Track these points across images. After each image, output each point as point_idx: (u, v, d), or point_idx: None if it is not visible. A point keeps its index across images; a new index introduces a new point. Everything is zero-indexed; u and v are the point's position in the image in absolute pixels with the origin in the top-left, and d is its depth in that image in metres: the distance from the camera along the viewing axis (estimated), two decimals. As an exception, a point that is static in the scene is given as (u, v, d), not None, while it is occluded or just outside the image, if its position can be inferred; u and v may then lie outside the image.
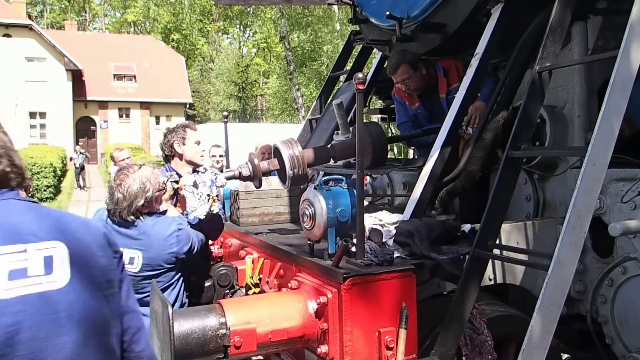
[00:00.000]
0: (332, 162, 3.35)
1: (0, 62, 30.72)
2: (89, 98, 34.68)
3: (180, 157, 3.70)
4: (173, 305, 2.94)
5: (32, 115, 32.05)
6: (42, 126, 32.26)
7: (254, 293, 2.98)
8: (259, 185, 3.59)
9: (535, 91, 2.59)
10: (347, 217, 2.41)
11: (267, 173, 3.14)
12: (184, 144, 3.69)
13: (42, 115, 32.25)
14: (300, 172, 2.89)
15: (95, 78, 34.58)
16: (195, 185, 3.07)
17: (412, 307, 2.28)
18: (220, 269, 3.20)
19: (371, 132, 3.17)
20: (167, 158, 3.75)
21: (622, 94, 2.25)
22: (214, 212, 3.20)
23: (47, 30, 36.83)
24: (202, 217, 3.10)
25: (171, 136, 3.70)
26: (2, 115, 30.47)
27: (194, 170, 3.72)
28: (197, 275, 3.31)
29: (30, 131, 31.62)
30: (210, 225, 3.30)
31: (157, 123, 35.78)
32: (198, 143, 3.75)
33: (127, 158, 6.60)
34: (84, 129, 34.18)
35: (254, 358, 2.86)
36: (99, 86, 34.91)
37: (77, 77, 33.51)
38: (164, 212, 3.07)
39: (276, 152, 3.02)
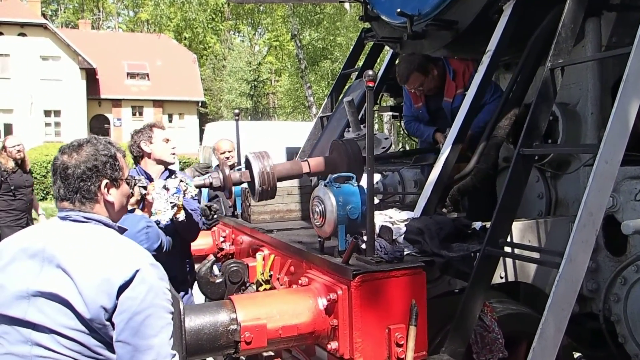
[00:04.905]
0: (305, 177, 3.31)
1: (15, 60, 31.14)
2: (102, 96, 34.97)
3: (149, 156, 3.69)
4: None
5: (47, 113, 32.39)
6: (57, 124, 32.59)
7: (265, 290, 3.00)
8: (229, 196, 3.63)
9: (548, 88, 2.57)
10: (357, 214, 2.41)
11: (238, 183, 3.14)
12: (151, 143, 3.68)
13: (57, 113, 32.58)
14: (268, 188, 2.90)
15: (108, 76, 34.86)
16: (165, 188, 3.05)
17: (422, 304, 2.28)
18: (232, 265, 3.21)
19: (348, 152, 3.11)
20: (136, 159, 3.75)
21: (635, 91, 2.22)
22: (180, 219, 3.17)
23: (61, 29, 37.20)
24: (164, 222, 3.09)
25: (137, 137, 3.70)
26: (18, 113, 30.97)
27: (166, 169, 3.72)
28: (176, 272, 3.38)
29: (45, 129, 31.99)
30: (185, 227, 3.36)
31: (170, 121, 35.98)
32: (167, 141, 3.74)
33: (229, 151, 5.44)
34: (98, 127, 34.43)
35: (264, 354, 2.89)
36: (112, 84, 35.20)
37: (91, 76, 33.81)
38: (132, 211, 3.05)
39: (248, 164, 3.01)
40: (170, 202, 3.07)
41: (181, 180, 3.14)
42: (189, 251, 3.77)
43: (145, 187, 3.05)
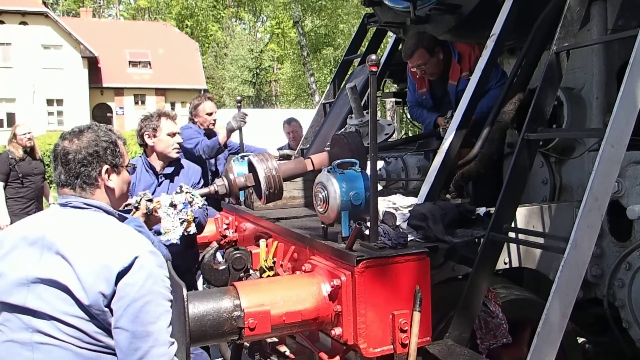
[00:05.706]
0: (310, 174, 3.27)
1: (17, 49, 31.07)
2: (104, 85, 34.91)
3: (152, 149, 3.49)
4: None
5: (50, 102, 32.39)
6: (60, 113, 32.57)
7: (268, 276, 3.00)
8: (235, 202, 3.58)
9: (553, 72, 2.54)
10: (360, 200, 2.40)
11: (244, 188, 3.09)
12: (154, 136, 3.45)
13: (60, 102, 32.57)
14: (275, 191, 2.87)
15: (110, 65, 34.77)
16: (172, 205, 2.97)
17: (426, 290, 2.27)
18: (235, 252, 3.22)
19: (350, 145, 3.05)
20: (143, 147, 3.58)
21: (642, 74, 2.19)
22: (191, 232, 3.09)
23: (62, 18, 37.06)
24: (176, 241, 3.00)
25: (144, 124, 3.47)
26: (20, 102, 30.95)
27: (169, 165, 3.59)
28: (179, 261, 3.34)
29: (48, 118, 31.99)
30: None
31: (173, 109, 35.91)
32: (172, 135, 3.49)
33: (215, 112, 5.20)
34: (101, 116, 34.39)
35: (268, 340, 2.89)
36: (114, 73, 35.11)
37: (93, 64, 33.74)
38: (128, 212, 2.95)
39: (251, 167, 2.96)
40: (180, 219, 3.00)
41: (187, 192, 3.06)
42: (194, 240, 3.72)
43: (151, 201, 2.97)
